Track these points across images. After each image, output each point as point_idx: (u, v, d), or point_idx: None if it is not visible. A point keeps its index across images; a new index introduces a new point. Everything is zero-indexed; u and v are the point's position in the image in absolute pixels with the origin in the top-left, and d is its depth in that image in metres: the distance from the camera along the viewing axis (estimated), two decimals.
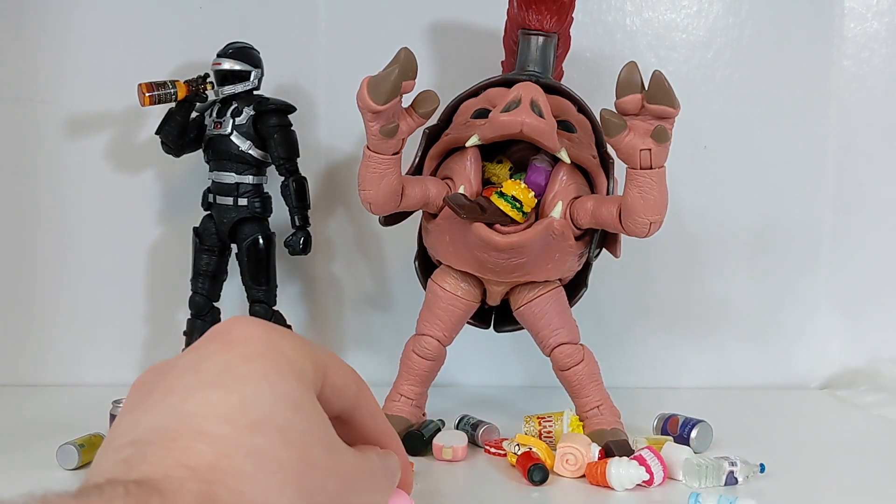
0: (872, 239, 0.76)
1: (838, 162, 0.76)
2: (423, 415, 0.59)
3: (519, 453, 0.50)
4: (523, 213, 0.53)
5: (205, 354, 0.30)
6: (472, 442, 0.56)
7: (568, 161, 0.54)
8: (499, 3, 0.62)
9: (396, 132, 0.51)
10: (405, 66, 0.49)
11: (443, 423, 0.58)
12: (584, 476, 0.49)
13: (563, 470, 0.50)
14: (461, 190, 0.54)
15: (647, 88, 0.49)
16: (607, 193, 0.56)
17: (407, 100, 0.53)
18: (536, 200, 0.54)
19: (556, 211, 0.53)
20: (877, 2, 0.75)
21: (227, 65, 0.66)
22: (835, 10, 0.75)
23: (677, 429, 0.56)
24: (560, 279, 0.58)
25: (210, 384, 0.28)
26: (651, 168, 0.50)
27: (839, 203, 0.76)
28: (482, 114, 0.55)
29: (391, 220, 0.58)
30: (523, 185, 0.53)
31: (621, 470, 0.48)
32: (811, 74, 0.75)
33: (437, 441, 0.53)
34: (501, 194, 0.53)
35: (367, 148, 0.52)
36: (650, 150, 0.49)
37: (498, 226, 0.52)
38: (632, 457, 0.50)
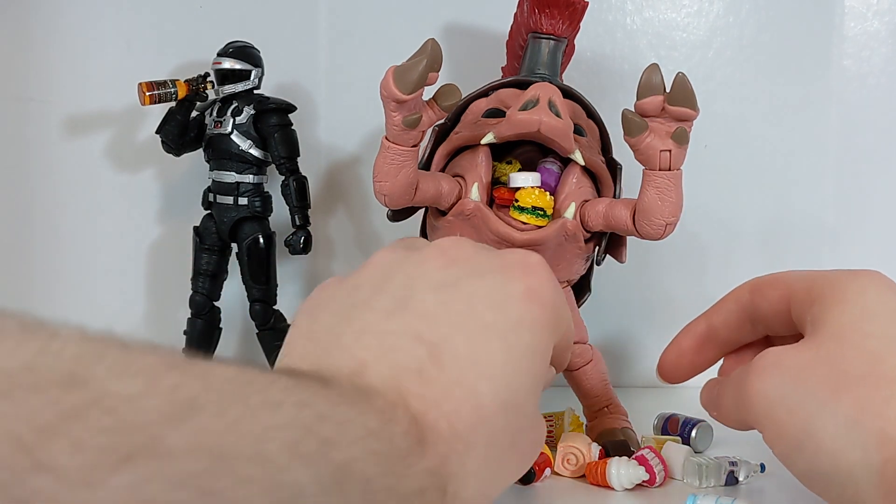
0: (873, 239, 0.76)
1: (839, 162, 0.76)
2: None
3: None
4: (548, 216, 0.53)
5: (508, 293, 0.31)
6: None
7: (582, 163, 0.54)
8: (501, 5, 0.62)
9: (419, 123, 0.51)
10: (432, 57, 0.49)
11: None
12: (584, 476, 0.49)
13: (564, 470, 0.50)
14: (474, 189, 0.53)
15: (668, 90, 0.49)
16: (614, 198, 0.56)
17: (426, 94, 0.52)
18: (553, 202, 0.54)
19: (569, 212, 0.53)
20: (877, 1, 0.75)
21: (228, 64, 0.66)
22: (835, 10, 0.75)
23: (677, 429, 0.56)
24: (567, 281, 0.58)
25: (499, 335, 0.30)
26: (670, 169, 0.50)
27: (840, 203, 0.76)
28: (493, 113, 0.55)
29: (400, 214, 0.58)
30: (538, 192, 0.53)
31: (621, 470, 0.48)
32: (811, 74, 0.76)
33: None
34: (521, 209, 0.53)
35: (386, 139, 0.52)
36: (670, 151, 0.49)
37: (516, 223, 0.52)
38: (632, 457, 0.50)
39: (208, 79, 0.67)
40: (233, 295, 0.71)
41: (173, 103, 0.67)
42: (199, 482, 0.19)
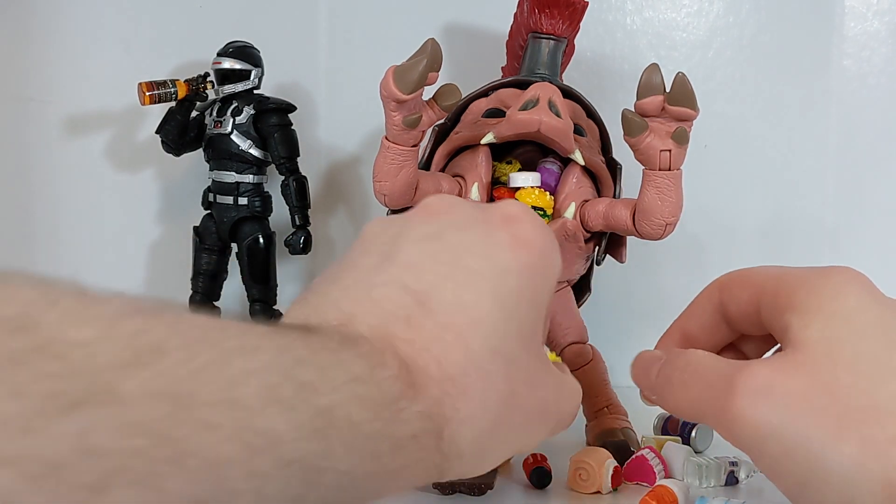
0: (873, 239, 0.76)
1: (839, 162, 0.76)
2: None
3: None
4: (548, 216, 0.53)
5: (493, 241, 0.31)
6: None
7: (582, 163, 0.54)
8: (501, 5, 0.62)
9: (419, 123, 0.51)
10: (432, 57, 0.49)
11: None
12: (598, 492, 0.48)
13: (577, 485, 0.48)
14: (474, 189, 0.53)
15: (668, 90, 0.49)
16: (614, 198, 0.56)
17: (426, 93, 0.52)
18: (553, 202, 0.54)
19: (569, 212, 0.53)
20: (877, 1, 0.75)
21: (228, 64, 0.66)
22: (835, 10, 0.75)
23: (677, 429, 0.56)
24: (567, 280, 0.58)
25: (485, 280, 0.30)
26: (670, 169, 0.50)
27: (840, 203, 0.76)
28: (493, 113, 0.55)
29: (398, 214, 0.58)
30: (538, 191, 0.53)
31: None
32: (811, 74, 0.76)
33: None
34: None
35: (386, 139, 0.52)
36: (670, 151, 0.49)
37: None
38: (632, 457, 0.50)
39: (208, 79, 0.67)
40: (233, 295, 0.71)
41: (173, 103, 0.67)
42: (157, 428, 0.18)
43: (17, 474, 0.16)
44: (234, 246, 0.68)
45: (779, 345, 0.35)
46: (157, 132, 0.68)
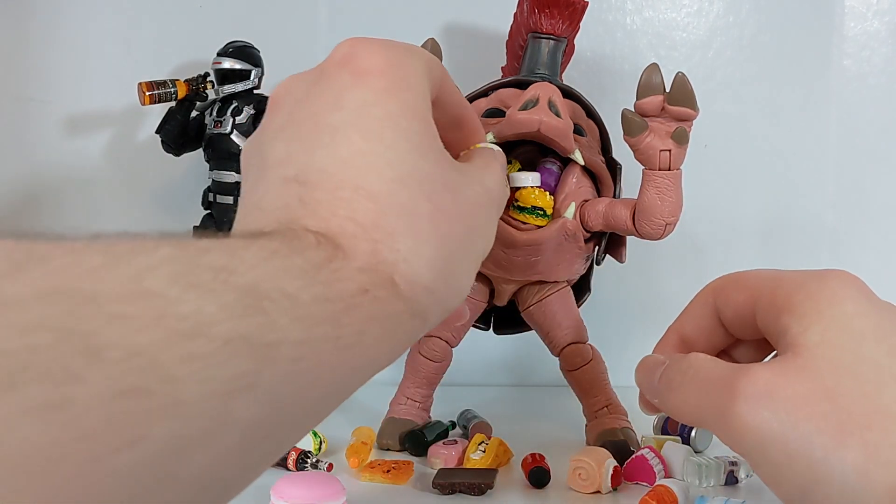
0: (874, 238, 0.76)
1: (839, 162, 0.76)
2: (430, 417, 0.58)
3: None
4: (548, 216, 0.53)
5: (339, 87, 0.30)
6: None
7: (582, 163, 0.54)
8: (501, 5, 0.62)
9: None
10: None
11: (453, 425, 0.58)
12: (597, 492, 0.48)
13: (577, 485, 0.48)
14: None
15: (668, 90, 0.49)
16: (614, 198, 0.56)
17: None
18: (553, 202, 0.54)
19: (569, 212, 0.53)
20: (877, 1, 0.75)
21: (228, 64, 0.66)
22: (835, 10, 0.75)
23: (677, 428, 0.56)
24: (567, 280, 0.58)
25: (352, 125, 0.29)
26: (669, 169, 0.50)
27: (840, 203, 0.76)
28: (493, 113, 0.55)
29: None
30: (538, 191, 0.53)
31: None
32: (811, 74, 0.76)
33: (432, 450, 0.52)
34: (521, 208, 0.53)
35: None
36: (670, 151, 0.50)
37: (516, 222, 0.52)
38: (632, 457, 0.50)
39: (208, 79, 0.67)
40: None
41: (173, 103, 0.67)
42: (58, 324, 0.17)
43: None
44: None
45: (774, 352, 0.35)
46: (157, 132, 0.68)
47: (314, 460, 0.49)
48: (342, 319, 0.24)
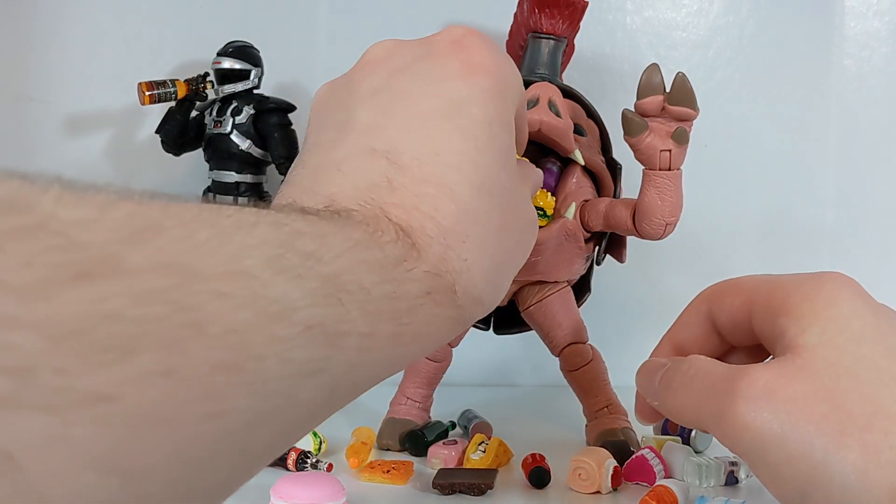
0: (874, 238, 0.76)
1: (839, 162, 0.76)
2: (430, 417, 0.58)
3: None
4: (548, 217, 0.53)
5: (446, 73, 0.30)
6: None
7: (582, 163, 0.54)
8: (501, 5, 0.62)
9: None
10: None
11: (453, 425, 0.58)
12: (597, 492, 0.48)
13: (577, 485, 0.48)
14: None
15: (668, 90, 0.49)
16: (614, 198, 0.56)
17: None
18: (554, 202, 0.54)
19: (570, 212, 0.53)
20: (877, 1, 0.75)
21: (228, 63, 0.66)
22: (835, 9, 0.75)
23: (677, 428, 0.56)
24: (567, 280, 0.58)
25: (450, 119, 0.29)
26: (670, 169, 0.50)
27: (840, 203, 0.76)
28: None
29: None
30: (538, 191, 0.53)
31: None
32: (811, 74, 0.76)
33: (432, 450, 0.52)
34: None
35: None
36: (670, 151, 0.50)
37: None
38: (632, 457, 0.50)
39: (208, 78, 0.67)
40: None
41: (173, 103, 0.67)
42: (171, 297, 0.18)
43: (39, 336, 0.15)
44: None
45: (769, 357, 0.35)
46: (157, 132, 0.68)
47: (314, 460, 0.49)
48: (403, 318, 0.25)
